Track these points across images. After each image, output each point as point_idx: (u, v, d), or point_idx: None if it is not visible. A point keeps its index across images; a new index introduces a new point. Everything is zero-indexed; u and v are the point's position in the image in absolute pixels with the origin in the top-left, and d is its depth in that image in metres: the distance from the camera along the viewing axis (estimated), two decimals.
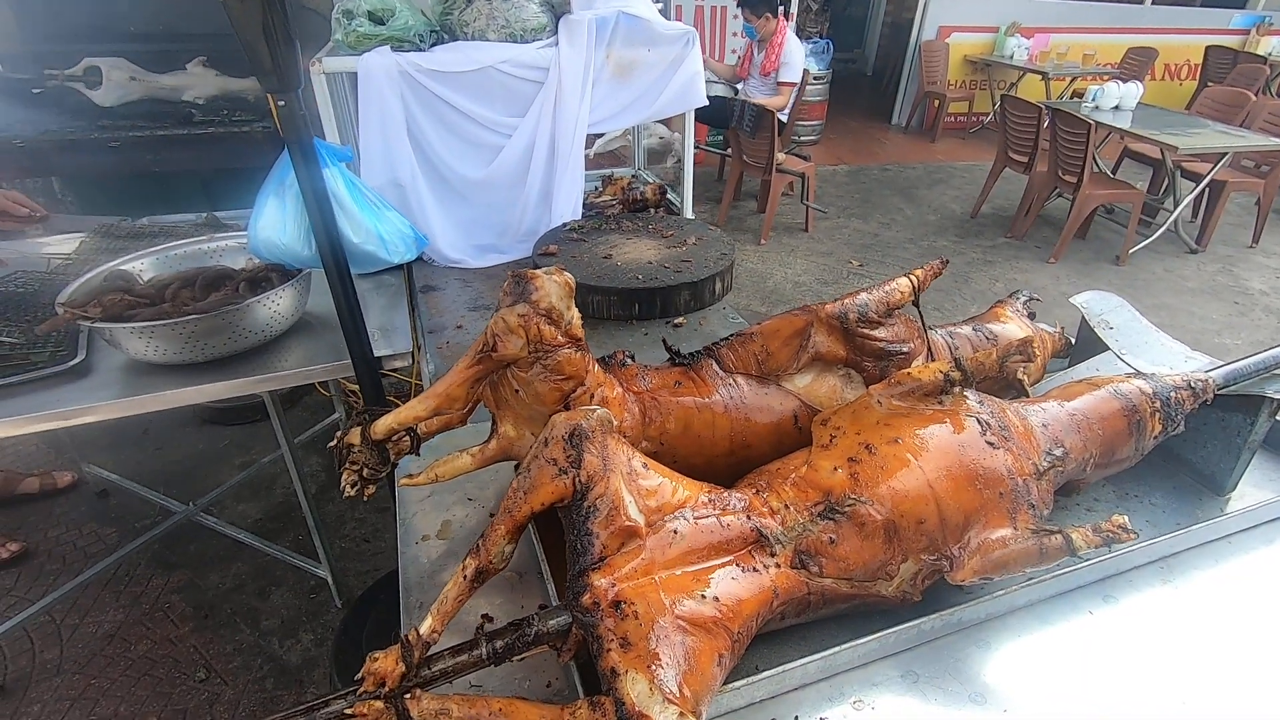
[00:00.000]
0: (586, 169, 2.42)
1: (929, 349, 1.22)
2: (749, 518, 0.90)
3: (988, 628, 0.99)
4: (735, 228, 6.03)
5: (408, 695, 0.79)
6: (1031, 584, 1.00)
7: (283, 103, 1.40)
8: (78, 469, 3.04)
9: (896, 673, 0.94)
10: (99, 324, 1.61)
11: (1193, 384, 1.10)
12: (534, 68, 2.17)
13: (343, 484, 1.06)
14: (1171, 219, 5.63)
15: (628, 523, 0.83)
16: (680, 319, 1.94)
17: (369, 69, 2.04)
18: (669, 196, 2.72)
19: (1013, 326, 1.33)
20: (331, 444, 1.04)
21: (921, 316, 1.21)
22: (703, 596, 0.82)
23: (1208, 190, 5.62)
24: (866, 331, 1.13)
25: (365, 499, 1.10)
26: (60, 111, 3.82)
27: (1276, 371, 1.15)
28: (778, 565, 0.88)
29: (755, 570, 0.87)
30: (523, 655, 0.85)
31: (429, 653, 0.83)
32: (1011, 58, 8.83)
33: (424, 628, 0.82)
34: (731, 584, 0.85)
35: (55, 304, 1.66)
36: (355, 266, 1.66)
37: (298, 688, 2.23)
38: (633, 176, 2.72)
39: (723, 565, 0.86)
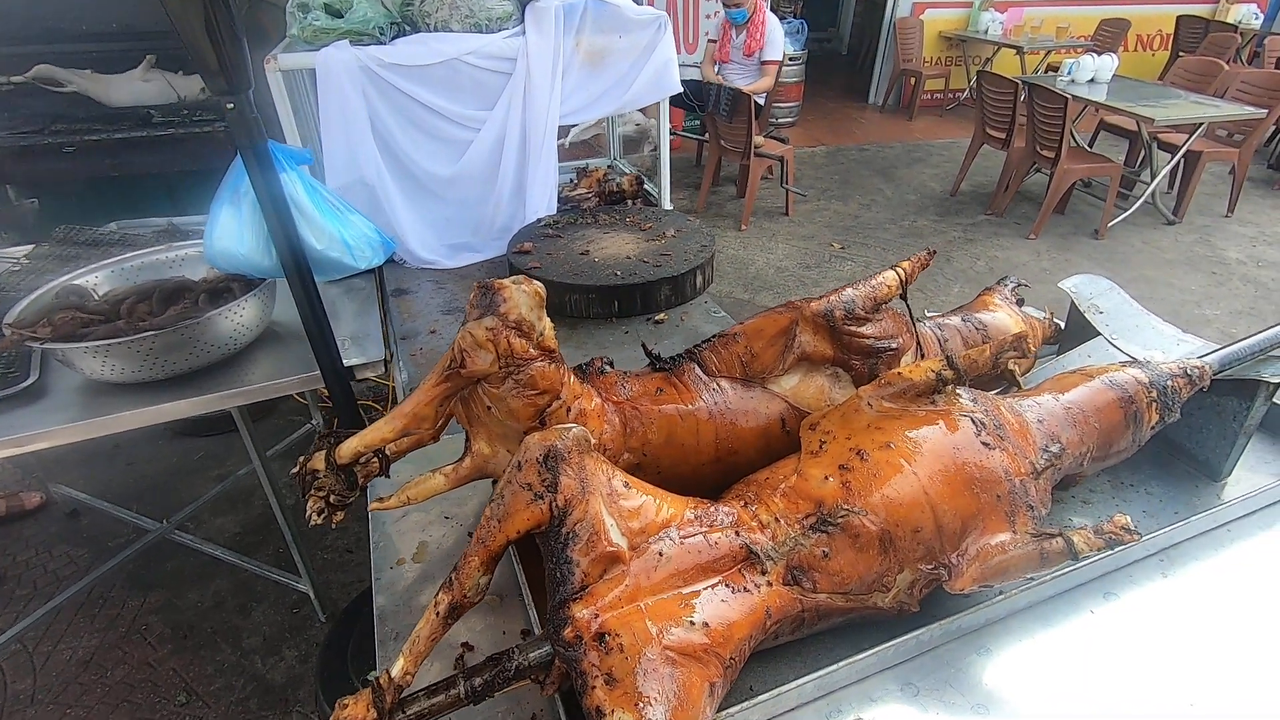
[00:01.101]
0: (561, 160, 2.35)
1: (918, 344, 1.17)
2: (737, 534, 0.86)
3: (988, 633, 0.96)
4: (715, 214, 5.97)
5: None
6: (1032, 585, 0.97)
7: (231, 105, 1.33)
8: (45, 489, 2.94)
9: (896, 686, 0.90)
10: (49, 345, 1.53)
11: (1189, 371, 1.07)
12: (501, 58, 2.09)
13: (308, 511, 1.00)
14: (1149, 191, 5.64)
15: (609, 548, 0.79)
16: (661, 315, 1.89)
17: (328, 65, 1.95)
18: (646, 187, 2.66)
19: (1002, 315, 1.29)
20: (294, 470, 0.98)
21: (910, 311, 1.17)
22: (691, 623, 0.77)
23: (1183, 161, 5.64)
24: (853, 329, 1.08)
25: (333, 526, 1.05)
26: (12, 116, 3.67)
27: (1272, 354, 1.13)
28: (769, 583, 0.84)
29: (746, 590, 0.82)
30: (504, 690, 0.80)
31: (403, 694, 0.78)
32: (986, 33, 8.80)
33: (395, 670, 0.77)
34: (722, 607, 0.80)
35: (2, 324, 1.58)
36: (320, 274, 1.59)
37: (282, 707, 2.17)
38: (608, 167, 2.65)
39: (712, 587, 0.82)
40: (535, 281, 0.93)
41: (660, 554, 0.81)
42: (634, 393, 1.07)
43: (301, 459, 0.98)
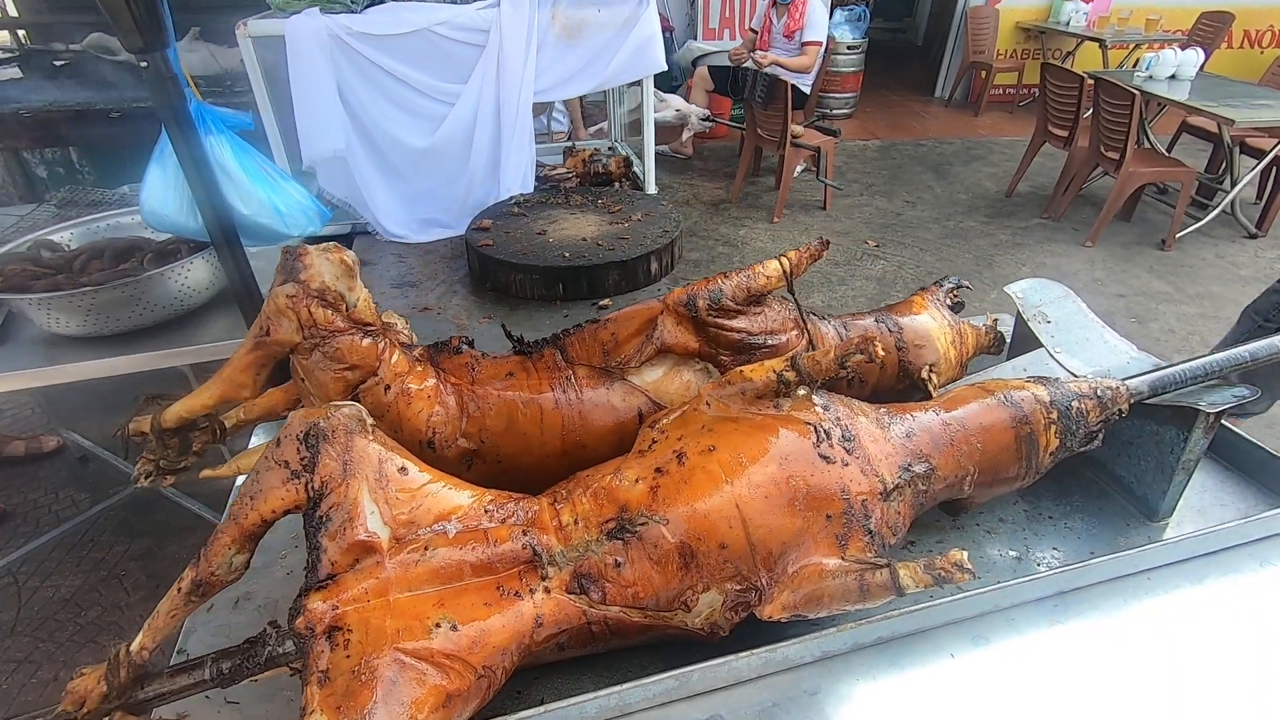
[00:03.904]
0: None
1: (809, 342, 1.07)
2: (525, 533, 0.79)
3: (822, 669, 0.86)
4: (749, 205, 5.80)
5: (106, 718, 0.71)
6: (887, 617, 0.86)
7: (145, 64, 1.32)
8: (60, 435, 3.11)
9: (700, 716, 0.81)
10: None
11: (1099, 392, 0.93)
12: (473, 30, 2.05)
13: (136, 472, 0.99)
14: (1227, 200, 5.14)
15: (363, 536, 0.73)
16: (606, 301, 1.81)
17: (296, 32, 1.95)
18: (635, 170, 2.58)
19: (924, 318, 1.16)
20: (117, 432, 0.96)
21: (799, 305, 1.06)
22: (437, 626, 0.71)
23: (1275, 170, 5.11)
24: (720, 321, 0.99)
25: (163, 490, 1.03)
26: (79, 84, 3.88)
27: (1211, 382, 0.97)
28: (547, 590, 0.77)
29: (517, 595, 0.76)
30: (256, 677, 0.76)
31: (147, 671, 0.75)
32: (1068, 24, 8.19)
33: (134, 645, 0.74)
34: (481, 611, 0.74)
35: None
36: (251, 240, 1.59)
37: None
38: (595, 150, 2.58)
39: (477, 589, 0.75)
40: (347, 250, 0.88)
41: (426, 548, 0.75)
42: (482, 375, 1.01)
43: (124, 419, 0.96)
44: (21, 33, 5.28)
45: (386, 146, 2.15)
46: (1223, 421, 1.15)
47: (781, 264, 1.01)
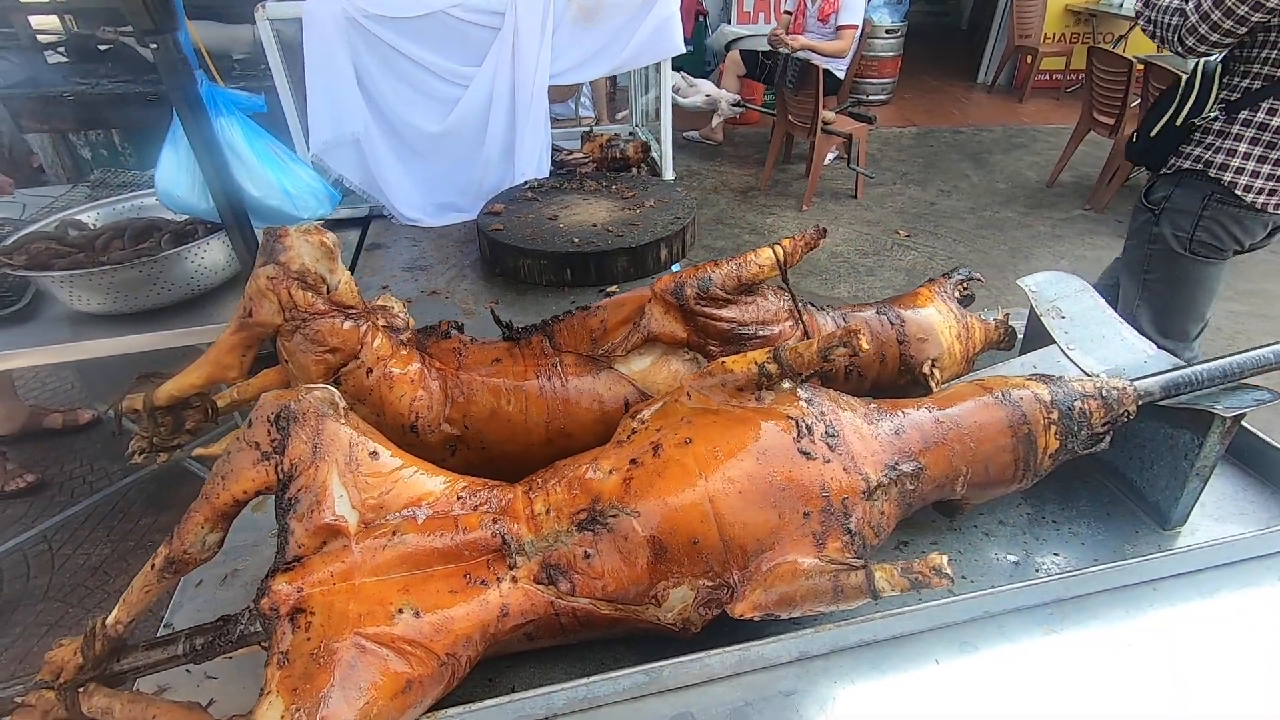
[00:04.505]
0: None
1: (804, 333, 1.04)
2: (495, 521, 0.78)
3: (800, 670, 0.84)
4: (778, 192, 5.70)
5: (82, 689, 0.73)
6: (869, 619, 0.83)
7: (155, 46, 1.34)
8: (95, 408, 3.23)
9: (669, 713, 0.80)
10: (20, 272, 1.63)
11: (1104, 393, 0.88)
12: (488, 11, 2.03)
13: (130, 449, 1.01)
14: None
15: (329, 520, 0.73)
16: (613, 288, 1.79)
17: (313, 14, 1.96)
18: (653, 155, 2.54)
19: (929, 311, 1.12)
20: (106, 408, 0.98)
21: (793, 295, 1.03)
22: (400, 612, 0.71)
23: None
24: (708, 310, 0.96)
25: (155, 467, 1.05)
26: (121, 68, 3.97)
27: (1231, 385, 0.91)
28: (514, 580, 0.76)
29: (483, 584, 0.75)
30: (230, 654, 0.77)
31: (123, 644, 0.77)
32: (1120, 6, 7.84)
33: (110, 618, 0.75)
34: (447, 599, 0.73)
35: None
36: (260, 221, 1.60)
37: None
38: (614, 135, 2.55)
39: (445, 576, 0.75)
40: (327, 232, 0.87)
41: (395, 533, 0.75)
42: (469, 361, 1.01)
43: (116, 396, 0.98)
44: (69, 18, 5.43)
45: (402, 130, 2.16)
46: (1246, 425, 1.10)
47: (775, 252, 0.98)
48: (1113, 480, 1.09)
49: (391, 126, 2.15)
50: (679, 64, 6.77)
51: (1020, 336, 1.26)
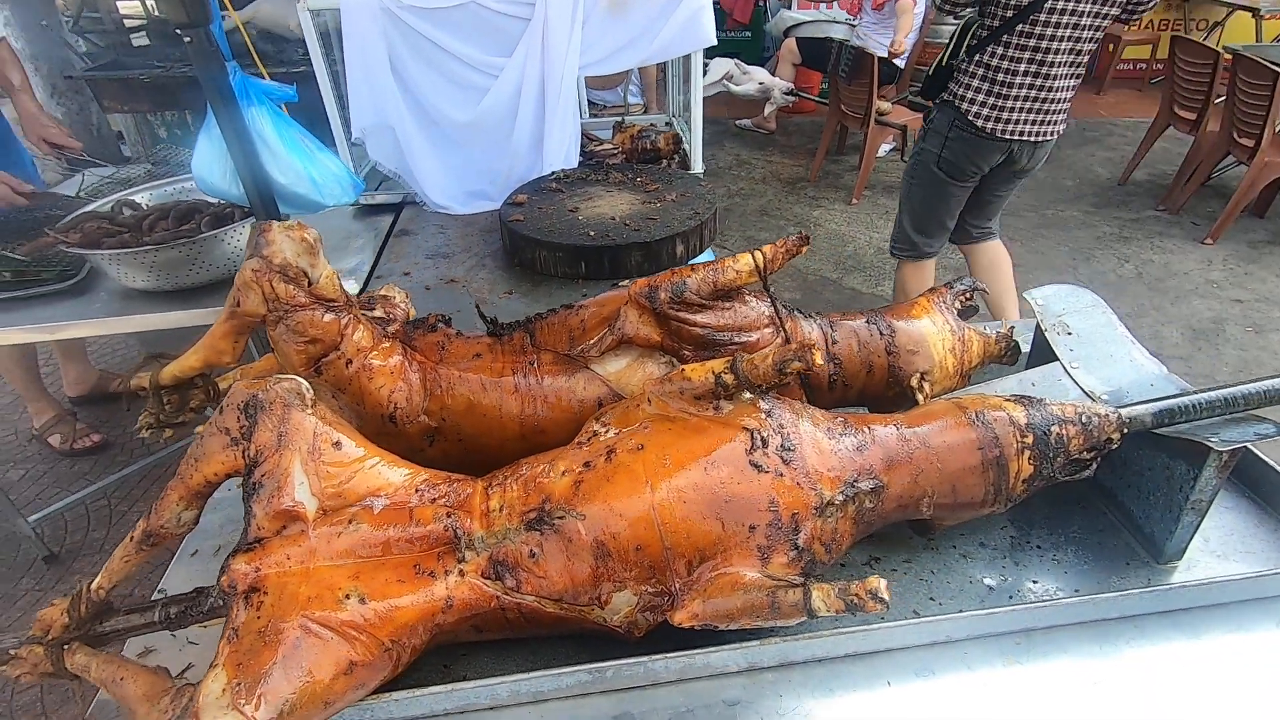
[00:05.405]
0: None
1: (785, 341, 1.02)
2: (449, 515, 0.80)
3: (747, 680, 0.84)
4: (829, 185, 5.56)
5: (66, 647, 0.79)
6: (819, 636, 0.83)
7: (189, 39, 1.40)
8: None
9: (612, 712, 0.81)
10: (73, 249, 1.75)
11: (1085, 419, 0.84)
12: (519, 2, 2.05)
13: (139, 424, 1.07)
14: None
15: (288, 505, 0.77)
16: (625, 282, 1.79)
17: (350, 6, 2.01)
18: (684, 147, 2.52)
19: (923, 323, 1.08)
20: (116, 385, 1.05)
21: (774, 302, 1.01)
22: (348, 597, 0.74)
23: None
24: (682, 314, 0.96)
25: (161, 442, 1.12)
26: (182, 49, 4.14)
27: (1237, 416, 0.85)
28: (461, 574, 0.78)
29: (431, 575, 0.78)
30: (204, 623, 0.83)
31: (108, 607, 0.83)
32: None
33: (94, 584, 0.82)
34: (395, 588, 0.76)
35: (45, 229, 1.82)
36: (287, 207, 1.67)
37: None
38: (648, 125, 2.54)
39: (395, 565, 0.77)
40: (309, 228, 0.91)
41: (350, 522, 0.78)
42: (450, 355, 1.03)
43: (126, 373, 1.04)
44: (151, 2, 5.72)
45: (435, 118, 2.20)
46: (1265, 459, 1.03)
47: (754, 258, 0.96)
48: (1110, 507, 1.04)
49: (425, 114, 2.20)
50: (734, 51, 6.68)
51: (1026, 351, 1.21)
